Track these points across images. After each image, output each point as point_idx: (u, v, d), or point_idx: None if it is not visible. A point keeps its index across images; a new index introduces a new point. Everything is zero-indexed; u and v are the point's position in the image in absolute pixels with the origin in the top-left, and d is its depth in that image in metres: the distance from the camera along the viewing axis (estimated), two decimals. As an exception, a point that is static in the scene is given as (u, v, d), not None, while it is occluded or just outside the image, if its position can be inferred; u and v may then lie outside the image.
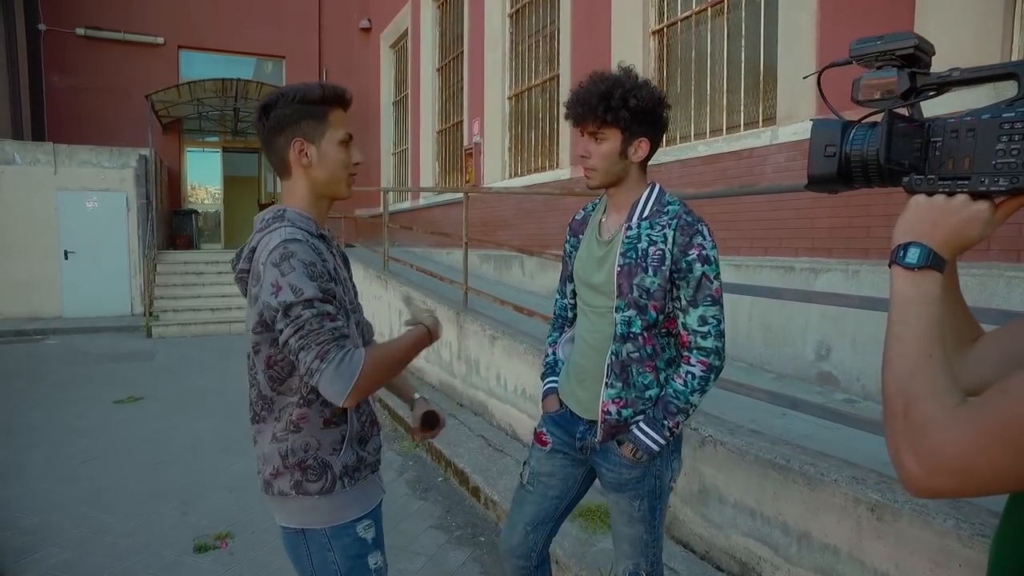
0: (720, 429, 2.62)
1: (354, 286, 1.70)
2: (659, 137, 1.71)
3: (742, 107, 5.01)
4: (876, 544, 1.97)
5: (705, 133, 5.35)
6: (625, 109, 1.60)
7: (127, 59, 12.83)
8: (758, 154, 4.59)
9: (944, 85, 0.72)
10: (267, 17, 13.85)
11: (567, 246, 1.90)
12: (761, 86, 4.84)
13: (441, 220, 9.94)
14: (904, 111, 0.74)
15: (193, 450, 4.54)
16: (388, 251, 7.41)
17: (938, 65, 0.76)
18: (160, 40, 13.11)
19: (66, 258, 10.58)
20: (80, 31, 12.40)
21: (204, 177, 14.68)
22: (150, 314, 10.24)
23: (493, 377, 4.53)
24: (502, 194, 7.74)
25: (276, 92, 1.44)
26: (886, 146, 0.71)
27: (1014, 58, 3.19)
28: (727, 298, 1.77)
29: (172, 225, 13.16)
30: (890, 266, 0.71)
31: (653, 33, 5.87)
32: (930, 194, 0.71)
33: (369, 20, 14.25)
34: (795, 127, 4.32)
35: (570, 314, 1.94)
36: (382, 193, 8.31)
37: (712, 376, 1.65)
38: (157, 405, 5.78)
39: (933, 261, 0.68)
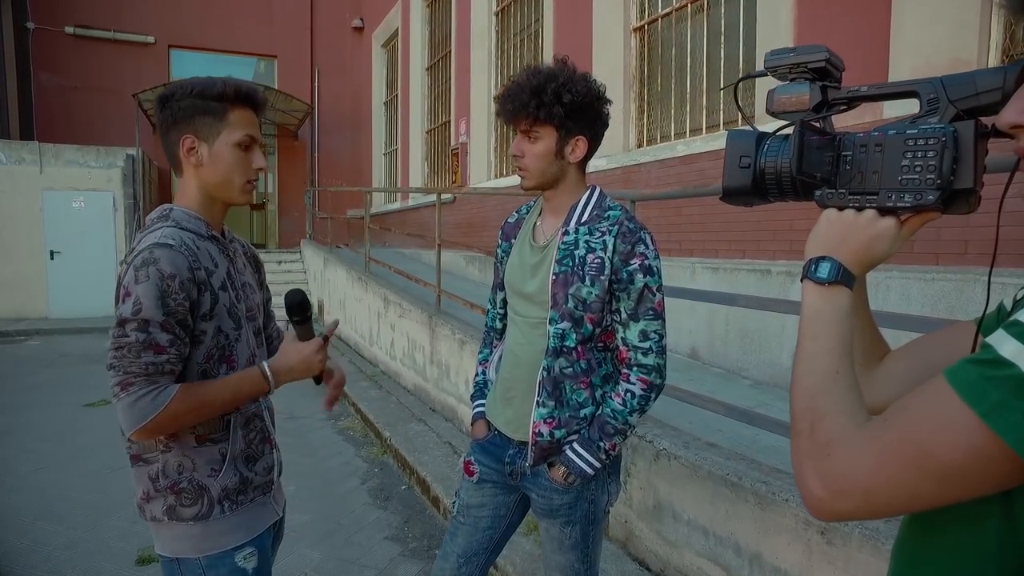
0: (675, 442, 2.49)
1: (267, 289, 1.59)
2: (599, 135, 1.58)
3: (721, 106, 4.88)
4: (826, 569, 1.85)
5: (685, 132, 5.23)
6: (559, 105, 1.47)
7: (117, 58, 12.72)
8: (736, 154, 4.46)
9: (853, 99, 0.73)
10: (259, 16, 13.75)
11: (498, 251, 1.77)
12: (740, 85, 4.71)
13: (429, 220, 9.82)
14: (816, 124, 0.74)
15: (155, 456, 4.42)
16: (369, 252, 7.29)
17: (917, 59, 0.72)
18: (151, 39, 13.00)
19: (52, 258, 10.48)
20: (69, 30, 12.29)
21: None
22: (135, 315, 10.15)
23: (463, 382, 4.41)
24: (480, 194, 7.62)
25: (176, 84, 1.35)
26: (797, 157, 0.70)
27: (992, 51, 3.07)
28: (704, 304, 1.64)
29: (162, 225, 13.07)
30: (802, 280, 0.70)
31: (634, 30, 5.75)
32: (840, 208, 0.70)
33: (362, 19, 14.15)
34: (773, 126, 4.19)
35: (499, 324, 1.81)
36: (367, 194, 8.22)
37: (653, 395, 1.53)
38: (128, 409, 5.66)
39: (843, 276, 0.67)
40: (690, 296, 2.70)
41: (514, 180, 7.72)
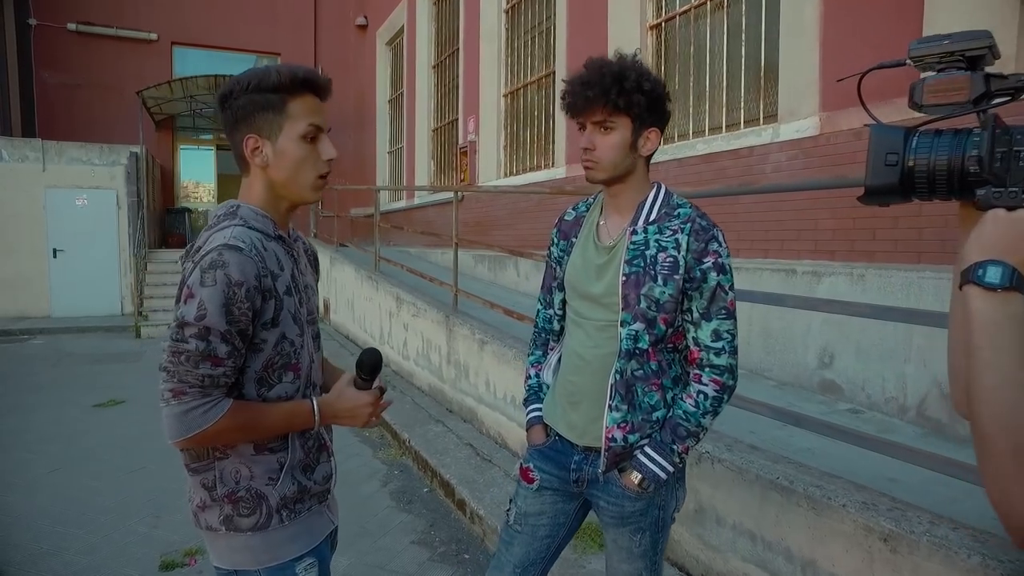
0: (718, 444, 2.44)
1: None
2: (663, 130, 1.53)
3: (742, 104, 4.83)
4: (888, 577, 1.80)
5: (704, 131, 5.18)
6: (640, 93, 1.42)
7: (120, 55, 12.64)
8: (758, 152, 4.42)
9: (1022, 89, 0.66)
10: (262, 13, 13.68)
11: (554, 249, 1.68)
12: (762, 82, 4.67)
13: (436, 219, 9.76)
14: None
15: (169, 458, 4.34)
16: (379, 251, 7.23)
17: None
18: (153, 36, 12.92)
19: (55, 257, 10.39)
20: (72, 26, 12.20)
21: (198, 175, 14.49)
22: (140, 314, 10.06)
23: (482, 383, 4.36)
24: (492, 193, 7.56)
25: (233, 80, 1.25)
26: (989, 153, 0.65)
27: (1031, 50, 3.02)
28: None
29: (165, 224, 12.98)
30: (961, 287, 0.66)
31: (651, 28, 5.70)
32: (1010, 208, 0.65)
33: (365, 17, 14.08)
34: (797, 124, 4.14)
35: (556, 326, 1.73)
36: (376, 192, 8.15)
37: (726, 396, 1.48)
38: (138, 409, 5.59)
39: (1017, 282, 0.63)
40: (749, 298, 2.63)
41: (524, 179, 7.67)
